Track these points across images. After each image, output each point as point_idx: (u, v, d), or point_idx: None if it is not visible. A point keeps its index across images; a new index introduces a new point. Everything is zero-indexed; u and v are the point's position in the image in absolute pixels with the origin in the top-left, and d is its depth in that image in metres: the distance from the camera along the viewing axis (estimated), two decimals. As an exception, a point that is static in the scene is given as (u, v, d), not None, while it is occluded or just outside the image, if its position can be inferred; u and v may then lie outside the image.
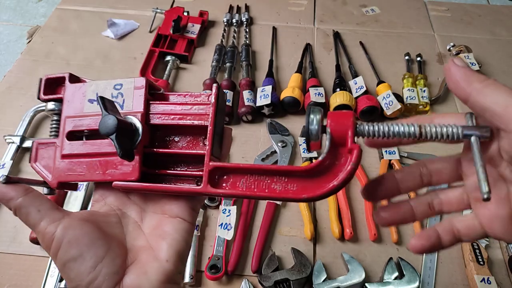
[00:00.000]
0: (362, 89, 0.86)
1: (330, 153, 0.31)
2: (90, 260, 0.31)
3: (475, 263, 0.64)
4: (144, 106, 0.37)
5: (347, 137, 0.30)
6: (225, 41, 1.03)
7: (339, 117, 0.31)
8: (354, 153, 0.30)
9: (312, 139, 0.31)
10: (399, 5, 1.17)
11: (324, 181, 0.32)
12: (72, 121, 0.38)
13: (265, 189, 0.33)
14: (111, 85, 0.38)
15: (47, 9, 1.17)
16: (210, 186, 0.34)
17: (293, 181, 0.33)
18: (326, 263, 0.65)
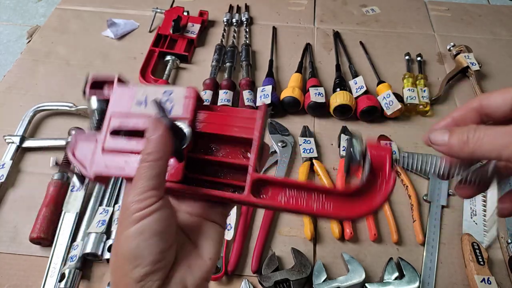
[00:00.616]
0: (362, 89, 0.86)
1: (369, 178, 0.34)
2: (165, 243, 0.32)
3: (475, 263, 0.64)
4: (192, 114, 0.39)
5: (385, 165, 0.34)
6: (225, 41, 1.03)
7: (378, 147, 0.34)
8: (391, 180, 0.34)
9: (354, 164, 0.35)
10: (399, 5, 1.17)
11: (361, 204, 0.34)
12: (118, 119, 0.40)
13: (303, 204, 0.35)
14: (161, 91, 0.40)
15: (47, 9, 1.17)
16: (252, 196, 0.36)
17: (330, 199, 0.35)
18: (326, 263, 0.65)
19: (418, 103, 0.87)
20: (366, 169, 0.34)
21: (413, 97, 0.87)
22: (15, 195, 0.73)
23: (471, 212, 0.71)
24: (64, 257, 0.64)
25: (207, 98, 0.84)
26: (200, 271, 0.35)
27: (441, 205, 0.72)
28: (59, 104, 0.84)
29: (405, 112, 0.87)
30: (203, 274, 0.35)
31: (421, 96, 0.88)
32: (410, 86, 0.90)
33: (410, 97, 0.87)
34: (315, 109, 0.84)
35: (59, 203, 0.68)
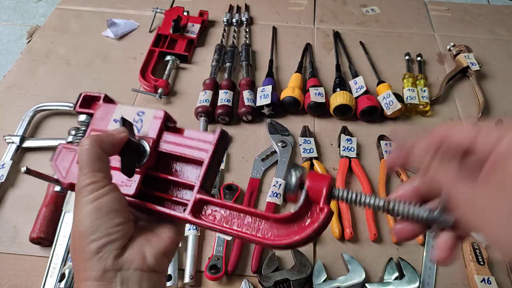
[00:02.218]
0: (362, 89, 0.86)
1: (303, 207, 0.35)
2: (121, 218, 0.35)
3: (475, 263, 0.64)
4: (157, 134, 0.42)
5: (320, 197, 0.34)
6: (225, 41, 1.03)
7: (317, 178, 0.35)
8: (324, 213, 0.33)
9: (289, 193, 0.35)
10: (399, 5, 1.17)
11: (293, 232, 0.35)
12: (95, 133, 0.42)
13: (240, 227, 0.37)
14: (135, 111, 0.44)
15: (46, 9, 1.17)
16: (191, 215, 0.38)
17: (267, 225, 0.36)
18: (326, 263, 0.65)
19: (418, 103, 0.87)
20: (301, 199, 0.34)
21: (413, 97, 0.87)
22: (15, 195, 0.73)
23: (471, 212, 0.71)
24: (64, 257, 0.64)
25: (206, 98, 0.84)
26: (158, 245, 0.37)
27: (441, 205, 0.72)
28: (59, 104, 0.84)
29: (405, 112, 0.87)
30: (161, 248, 0.37)
31: (421, 96, 0.88)
32: (410, 86, 0.89)
33: (410, 97, 0.87)
34: (315, 109, 0.84)
35: (59, 203, 0.68)
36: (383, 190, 0.73)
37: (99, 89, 0.90)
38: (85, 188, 0.35)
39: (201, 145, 0.41)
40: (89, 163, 0.35)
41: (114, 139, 0.37)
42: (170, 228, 0.40)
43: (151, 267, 0.35)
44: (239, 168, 0.78)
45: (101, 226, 0.34)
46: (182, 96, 0.90)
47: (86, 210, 0.34)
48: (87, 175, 0.35)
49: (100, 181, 0.35)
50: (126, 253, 0.35)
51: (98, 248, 0.33)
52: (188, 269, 0.63)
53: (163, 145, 0.42)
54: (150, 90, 0.89)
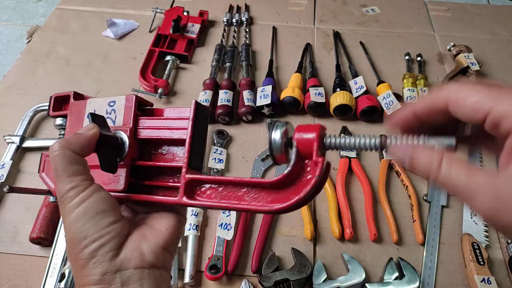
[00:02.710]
0: (362, 89, 0.86)
1: (296, 165, 0.32)
2: (111, 217, 0.34)
3: (475, 263, 0.64)
4: (133, 122, 0.40)
5: (312, 150, 0.31)
6: (225, 41, 1.03)
7: (305, 130, 0.31)
8: (319, 166, 0.30)
9: (276, 152, 0.32)
10: (399, 5, 1.17)
11: (291, 194, 0.32)
12: None
13: (238, 200, 0.34)
14: (106, 102, 0.41)
15: (47, 9, 1.17)
16: (186, 198, 0.36)
17: (264, 193, 0.34)
18: (326, 263, 0.65)
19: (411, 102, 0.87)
20: (292, 157, 0.31)
21: (413, 97, 0.87)
22: (15, 195, 0.72)
23: (471, 212, 0.71)
24: (64, 257, 0.64)
25: (206, 98, 0.84)
26: (155, 239, 0.36)
27: (441, 205, 0.72)
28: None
29: (405, 112, 0.87)
30: (159, 242, 0.36)
31: (421, 96, 0.88)
32: (410, 86, 0.89)
33: (410, 97, 0.87)
34: (315, 109, 0.84)
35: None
36: (383, 190, 0.73)
37: (99, 89, 0.90)
38: (66, 195, 0.34)
39: (179, 123, 0.39)
40: (63, 169, 0.34)
41: (83, 138, 0.35)
42: (169, 218, 0.38)
43: (151, 263, 0.34)
44: (239, 168, 0.78)
45: (90, 230, 0.33)
46: (182, 96, 0.90)
47: (72, 217, 0.33)
48: (65, 181, 0.34)
49: (79, 185, 0.34)
50: (122, 252, 0.34)
51: (92, 253, 0.32)
52: (188, 269, 0.63)
53: (142, 132, 0.40)
54: (150, 90, 0.89)
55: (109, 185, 0.38)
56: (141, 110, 0.41)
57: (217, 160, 0.76)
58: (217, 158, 0.77)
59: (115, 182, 0.39)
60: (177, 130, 0.39)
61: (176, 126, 0.39)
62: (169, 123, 0.39)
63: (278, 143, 0.31)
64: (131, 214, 0.39)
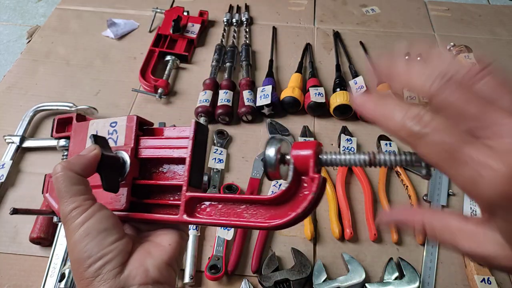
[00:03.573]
0: (362, 89, 0.86)
1: (294, 182, 0.32)
2: (113, 235, 0.34)
3: (475, 263, 0.64)
4: (134, 141, 0.41)
5: (308, 167, 0.31)
6: (225, 41, 1.03)
7: (302, 148, 0.31)
8: (315, 183, 0.31)
9: (270, 169, 0.32)
10: (399, 5, 1.17)
11: (289, 210, 0.33)
12: None
13: (237, 217, 0.35)
14: (108, 123, 0.42)
15: (46, 9, 1.17)
16: (186, 215, 0.37)
17: (262, 209, 0.34)
18: (326, 263, 0.65)
19: (418, 102, 0.87)
20: (290, 173, 0.32)
21: (413, 97, 0.87)
22: (15, 195, 0.73)
23: (471, 212, 0.71)
24: (64, 257, 0.63)
25: (206, 98, 0.84)
26: (159, 254, 0.36)
27: (441, 205, 0.72)
28: (59, 104, 0.84)
29: (405, 112, 0.87)
30: (163, 257, 0.36)
31: (421, 96, 0.88)
32: (410, 86, 0.89)
33: (410, 97, 0.87)
34: (315, 109, 0.84)
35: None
36: (383, 191, 0.73)
37: (99, 89, 0.90)
38: (69, 215, 0.34)
39: (179, 142, 0.40)
40: (66, 189, 0.35)
41: (85, 159, 0.36)
42: (172, 234, 0.39)
43: (155, 280, 0.35)
44: (239, 168, 0.78)
45: (94, 249, 0.33)
46: (182, 96, 0.90)
47: (76, 237, 0.34)
48: (67, 201, 0.34)
49: (82, 205, 0.34)
50: (127, 269, 0.34)
51: (96, 271, 0.33)
52: (188, 269, 0.63)
53: (143, 151, 0.41)
54: (150, 90, 0.89)
55: (111, 204, 0.38)
56: (142, 129, 0.43)
57: (217, 160, 0.76)
58: (217, 158, 0.77)
59: (116, 201, 0.39)
60: (177, 149, 0.40)
61: (176, 145, 0.40)
62: (169, 142, 0.40)
63: (272, 160, 0.32)
64: (134, 231, 0.40)
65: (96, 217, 0.34)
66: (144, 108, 0.87)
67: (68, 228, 0.34)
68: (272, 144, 0.32)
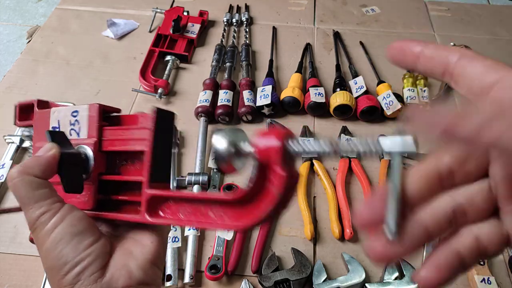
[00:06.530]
0: (362, 89, 0.86)
1: (259, 178, 0.28)
2: (89, 238, 0.32)
3: (475, 263, 0.64)
4: (97, 133, 0.37)
5: (274, 161, 0.26)
6: (225, 41, 1.03)
7: (266, 136, 0.27)
8: (282, 182, 0.26)
9: (221, 163, 0.28)
10: (399, 5, 1.17)
11: (256, 209, 0.29)
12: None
13: (203, 217, 0.32)
14: (70, 112, 0.38)
15: (47, 9, 1.17)
16: (147, 215, 0.33)
17: (228, 209, 0.31)
18: (326, 263, 0.65)
19: (418, 103, 0.87)
20: (253, 170, 0.28)
21: (413, 97, 0.87)
22: (15, 195, 0.72)
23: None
24: (64, 257, 0.63)
25: (206, 98, 0.84)
26: (143, 254, 0.34)
27: (441, 205, 0.72)
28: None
29: (405, 112, 0.87)
30: (147, 256, 0.34)
31: (421, 96, 0.88)
32: (410, 86, 0.89)
33: (410, 97, 0.87)
34: (315, 109, 0.84)
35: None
36: (383, 190, 0.73)
37: (99, 89, 0.90)
38: (37, 222, 0.32)
39: (141, 133, 0.35)
40: (28, 195, 0.32)
41: (43, 161, 0.33)
42: (152, 231, 0.36)
43: (140, 281, 0.32)
44: (239, 168, 0.77)
45: (70, 254, 0.31)
46: (182, 96, 0.90)
47: (48, 244, 0.31)
48: (33, 208, 0.31)
49: (50, 209, 0.32)
50: (108, 272, 0.32)
51: (75, 278, 0.31)
52: (188, 269, 0.63)
53: (108, 144, 0.37)
54: (150, 90, 0.89)
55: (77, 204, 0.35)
56: (108, 118, 0.38)
57: (217, 160, 0.76)
58: (217, 158, 0.77)
59: (82, 200, 0.36)
60: (139, 141, 0.35)
61: (138, 136, 0.36)
62: (131, 133, 0.36)
63: (221, 153, 0.27)
64: (110, 228, 0.37)
65: (68, 220, 0.32)
66: (144, 108, 0.87)
67: (37, 235, 0.32)
68: (219, 135, 0.28)
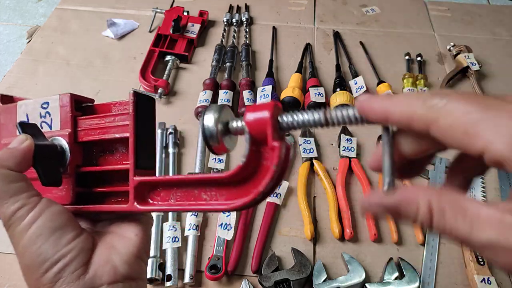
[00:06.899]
0: (362, 89, 0.86)
1: (251, 154, 0.27)
2: (70, 233, 0.30)
3: (475, 263, 0.64)
4: (71, 124, 0.35)
5: (266, 134, 0.26)
6: (225, 41, 1.03)
7: (256, 110, 0.26)
8: (276, 153, 0.26)
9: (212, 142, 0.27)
10: (399, 5, 1.17)
11: (252, 187, 0.28)
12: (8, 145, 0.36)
13: (195, 200, 0.31)
14: (39, 104, 0.37)
15: (47, 9, 1.17)
16: (136, 203, 0.32)
17: (222, 189, 0.30)
18: (326, 263, 0.65)
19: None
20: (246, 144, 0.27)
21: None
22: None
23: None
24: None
25: (206, 98, 0.84)
26: (126, 247, 0.32)
27: (441, 205, 0.72)
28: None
29: (405, 112, 0.87)
30: (131, 250, 0.32)
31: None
32: (410, 86, 0.89)
33: (410, 97, 0.87)
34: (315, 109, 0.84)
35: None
36: (383, 190, 0.73)
37: (99, 89, 0.90)
38: (13, 217, 0.30)
39: (121, 120, 0.34)
40: (2, 189, 0.30)
41: (18, 152, 0.31)
42: (136, 223, 0.35)
43: (125, 276, 0.31)
44: (239, 168, 0.77)
45: (49, 251, 0.29)
46: (182, 96, 0.90)
47: (25, 241, 0.30)
48: (8, 202, 0.30)
49: (27, 203, 0.30)
50: (91, 269, 0.30)
51: (55, 276, 0.29)
52: (188, 269, 0.63)
53: (83, 134, 0.36)
54: (150, 90, 0.89)
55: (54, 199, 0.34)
56: (81, 108, 0.37)
57: (217, 160, 0.76)
58: (217, 158, 0.77)
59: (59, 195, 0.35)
60: (119, 128, 0.34)
61: (118, 123, 0.34)
62: (110, 120, 0.35)
63: (211, 130, 0.27)
64: (90, 224, 0.36)
65: (46, 214, 0.30)
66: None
67: (13, 232, 0.30)
68: (210, 111, 0.27)
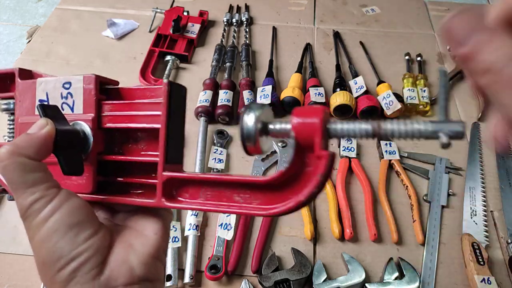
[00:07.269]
0: (362, 89, 0.86)
1: (296, 160, 0.26)
2: (88, 230, 0.29)
3: (475, 263, 0.64)
4: (95, 108, 0.33)
5: (314, 142, 0.25)
6: (225, 41, 1.03)
7: (306, 115, 0.25)
8: (323, 162, 0.25)
9: (249, 142, 0.26)
10: (399, 5, 1.17)
11: (290, 194, 0.27)
12: (25, 124, 0.34)
13: (228, 202, 0.29)
14: (61, 84, 0.34)
15: (47, 9, 1.17)
16: (165, 200, 0.31)
17: (258, 193, 0.28)
18: (326, 263, 0.65)
19: (418, 103, 0.87)
20: (291, 151, 0.26)
21: (413, 97, 0.87)
22: (15, 195, 0.72)
23: (471, 212, 0.71)
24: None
25: (206, 98, 0.84)
26: (144, 247, 0.31)
27: (441, 205, 0.72)
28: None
29: (405, 112, 0.87)
30: (149, 250, 0.31)
31: (421, 96, 0.88)
32: (410, 86, 0.89)
33: (410, 97, 0.87)
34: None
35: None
36: (383, 190, 0.73)
37: (99, 89, 0.90)
38: (30, 209, 0.28)
39: (151, 108, 0.32)
40: (20, 180, 0.28)
41: (37, 139, 0.29)
42: (156, 219, 0.33)
43: (142, 277, 0.30)
44: (239, 168, 0.78)
45: (65, 248, 0.28)
46: (182, 96, 0.90)
47: (41, 235, 0.28)
48: (25, 193, 0.28)
49: (45, 195, 0.28)
50: (107, 269, 0.29)
51: (70, 274, 0.28)
52: (188, 269, 0.63)
53: (107, 120, 0.33)
54: (150, 90, 0.89)
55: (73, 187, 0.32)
56: (105, 91, 0.34)
57: (217, 160, 0.76)
58: (217, 158, 0.77)
59: (79, 183, 0.33)
60: (149, 118, 0.32)
61: (147, 112, 0.32)
62: (139, 107, 0.32)
63: (251, 130, 0.25)
64: (108, 214, 0.34)
65: (65, 208, 0.28)
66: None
67: (30, 225, 0.28)
68: (251, 110, 0.26)
